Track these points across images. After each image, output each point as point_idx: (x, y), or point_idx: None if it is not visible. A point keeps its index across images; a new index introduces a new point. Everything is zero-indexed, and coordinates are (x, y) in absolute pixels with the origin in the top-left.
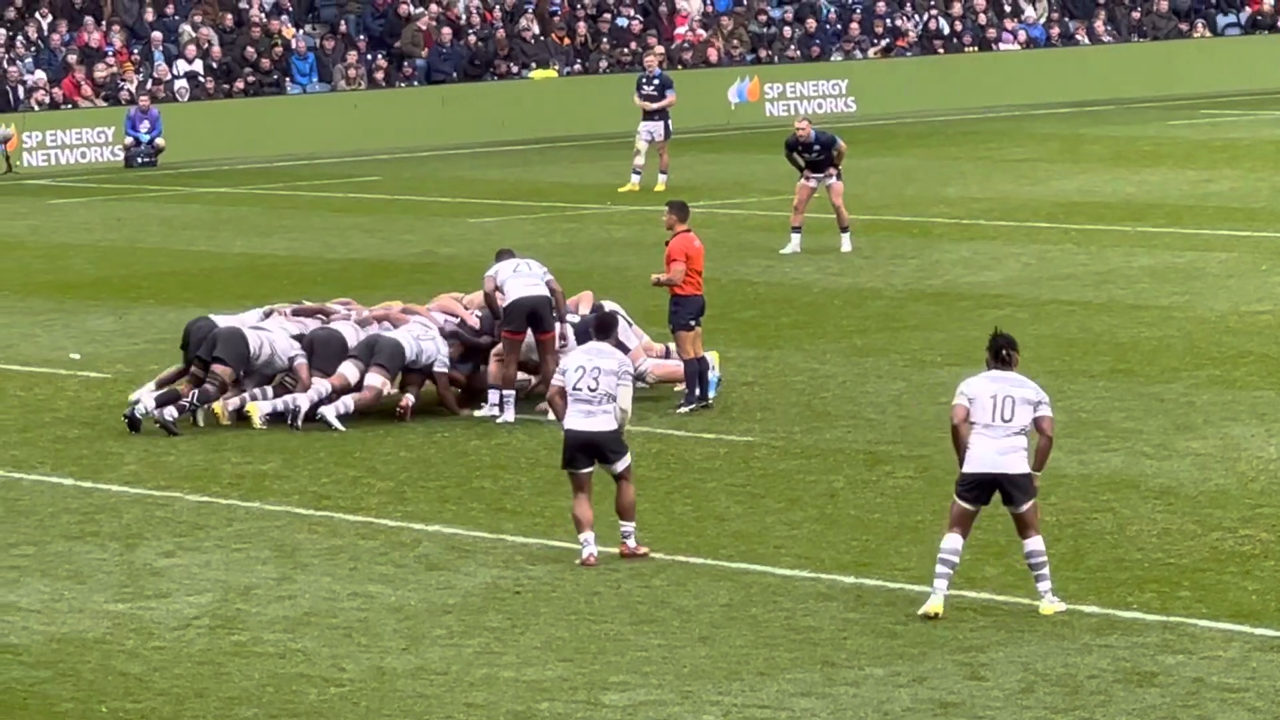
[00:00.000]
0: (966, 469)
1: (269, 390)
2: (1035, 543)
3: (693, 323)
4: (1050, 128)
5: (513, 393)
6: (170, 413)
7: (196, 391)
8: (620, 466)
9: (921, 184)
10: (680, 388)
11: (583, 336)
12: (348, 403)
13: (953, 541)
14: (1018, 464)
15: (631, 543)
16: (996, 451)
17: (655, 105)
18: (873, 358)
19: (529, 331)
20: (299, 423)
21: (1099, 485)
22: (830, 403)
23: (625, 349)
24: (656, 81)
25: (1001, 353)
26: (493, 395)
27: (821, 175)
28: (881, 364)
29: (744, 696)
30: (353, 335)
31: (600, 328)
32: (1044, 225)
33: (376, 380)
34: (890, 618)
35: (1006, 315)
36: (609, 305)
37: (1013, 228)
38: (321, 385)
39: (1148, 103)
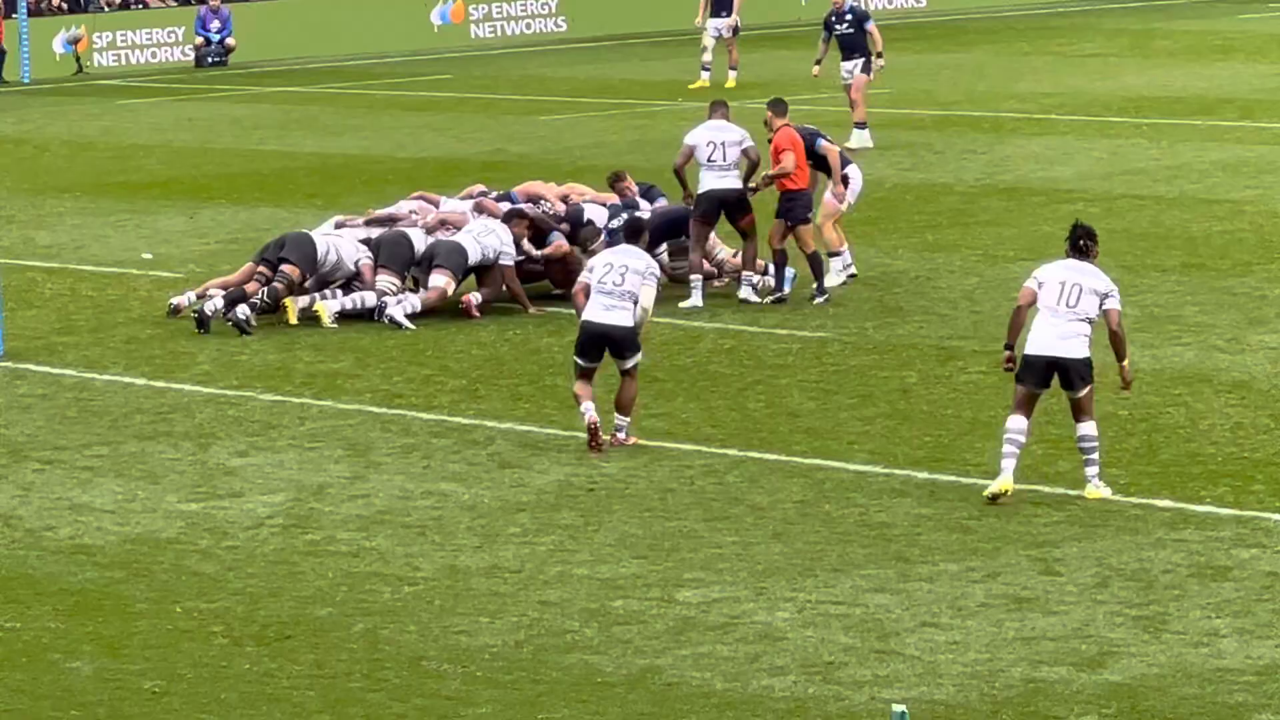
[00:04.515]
0: (1027, 351)
1: (334, 291)
2: (1088, 427)
3: (809, 215)
4: (1121, 23)
5: (700, 277)
6: (243, 310)
7: (266, 289)
8: (629, 363)
9: (992, 79)
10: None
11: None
12: (414, 301)
13: (1017, 421)
14: (1078, 349)
15: (622, 435)
16: (1058, 336)
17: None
18: (945, 253)
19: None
20: (381, 315)
21: (1172, 380)
22: (902, 298)
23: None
24: None
25: (1080, 243)
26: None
27: (851, 66)
28: (954, 259)
29: (818, 593)
30: (420, 239)
31: (630, 232)
32: (1115, 120)
33: (440, 280)
34: (964, 513)
35: (1078, 210)
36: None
37: (1084, 123)
38: (389, 282)
39: None
